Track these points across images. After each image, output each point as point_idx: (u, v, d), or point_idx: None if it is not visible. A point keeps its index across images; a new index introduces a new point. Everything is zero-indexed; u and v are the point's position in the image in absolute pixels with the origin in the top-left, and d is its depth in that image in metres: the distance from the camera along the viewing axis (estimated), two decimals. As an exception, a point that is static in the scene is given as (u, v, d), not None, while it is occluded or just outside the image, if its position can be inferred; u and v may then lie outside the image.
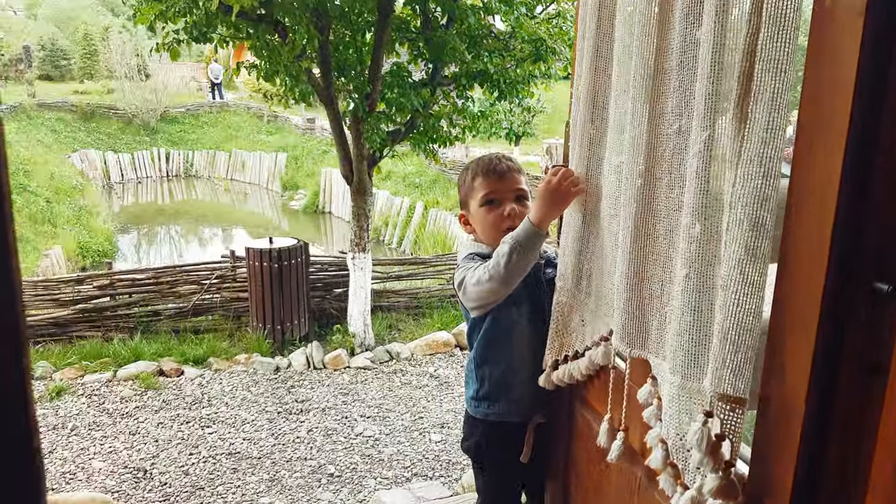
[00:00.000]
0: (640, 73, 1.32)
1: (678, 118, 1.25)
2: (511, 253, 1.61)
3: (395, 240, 15.62)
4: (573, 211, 1.68)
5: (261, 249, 5.67)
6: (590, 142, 1.61)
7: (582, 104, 1.61)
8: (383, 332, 6.26)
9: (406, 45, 5.82)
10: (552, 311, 1.75)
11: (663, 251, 1.31)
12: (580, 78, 1.63)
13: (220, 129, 24.75)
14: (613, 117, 1.50)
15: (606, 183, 1.54)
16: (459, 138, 5.95)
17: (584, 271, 1.66)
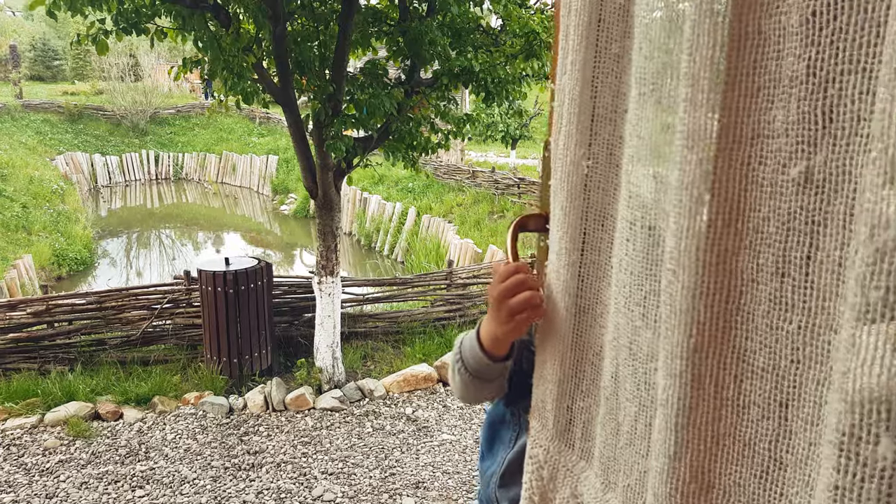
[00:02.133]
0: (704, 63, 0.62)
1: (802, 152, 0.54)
2: (454, 370, 1.03)
3: (386, 247, 14.96)
4: (555, 300, 0.97)
5: (214, 272, 4.96)
6: (583, 187, 0.90)
7: (567, 123, 0.91)
8: (357, 364, 5.55)
9: (383, 41, 5.12)
10: (524, 471, 1.04)
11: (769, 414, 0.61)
12: (566, 83, 0.92)
13: (211, 131, 24.12)
14: (634, 141, 0.80)
15: (622, 262, 0.83)
16: (442, 145, 5.24)
17: (577, 411, 0.96)
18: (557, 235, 0.94)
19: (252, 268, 5.09)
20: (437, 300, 6.29)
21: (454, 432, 4.66)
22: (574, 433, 0.96)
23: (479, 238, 12.24)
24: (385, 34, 5.00)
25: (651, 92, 0.75)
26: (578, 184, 0.90)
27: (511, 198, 12.96)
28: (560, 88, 0.93)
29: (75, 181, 19.38)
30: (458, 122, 5.10)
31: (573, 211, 0.91)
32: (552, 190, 0.96)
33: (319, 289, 4.94)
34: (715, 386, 0.66)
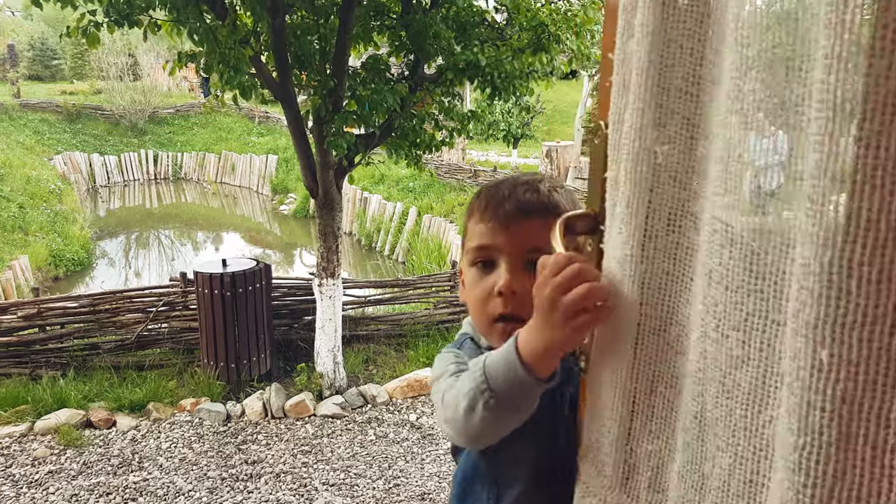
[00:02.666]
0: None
1: None
2: (475, 401, 0.80)
3: (387, 247, 14.78)
4: (615, 316, 0.79)
5: (211, 274, 4.78)
6: (655, 178, 0.73)
7: (635, 99, 0.73)
8: (358, 368, 5.37)
9: (385, 35, 4.94)
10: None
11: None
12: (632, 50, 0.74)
13: (210, 131, 23.93)
14: (733, 119, 0.62)
15: (712, 274, 0.66)
16: (447, 142, 5.06)
17: (643, 455, 0.79)
18: (620, 239, 0.76)
19: (250, 269, 4.91)
20: (441, 302, 6.11)
21: (460, 440, 4.48)
22: (639, 483, 0.79)
23: (480, 238, 12.05)
24: (387, 28, 4.83)
25: (761, 55, 0.58)
26: (649, 174, 0.72)
27: (513, 197, 12.76)
28: (624, 57, 0.75)
29: (73, 181, 19.20)
30: (462, 119, 4.92)
31: (641, 208, 0.73)
32: (611, 182, 0.78)
33: (320, 291, 4.76)
34: (872, 450, 0.49)
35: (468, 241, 0.98)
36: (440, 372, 0.94)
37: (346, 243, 14.76)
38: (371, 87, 4.46)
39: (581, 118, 13.26)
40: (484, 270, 0.94)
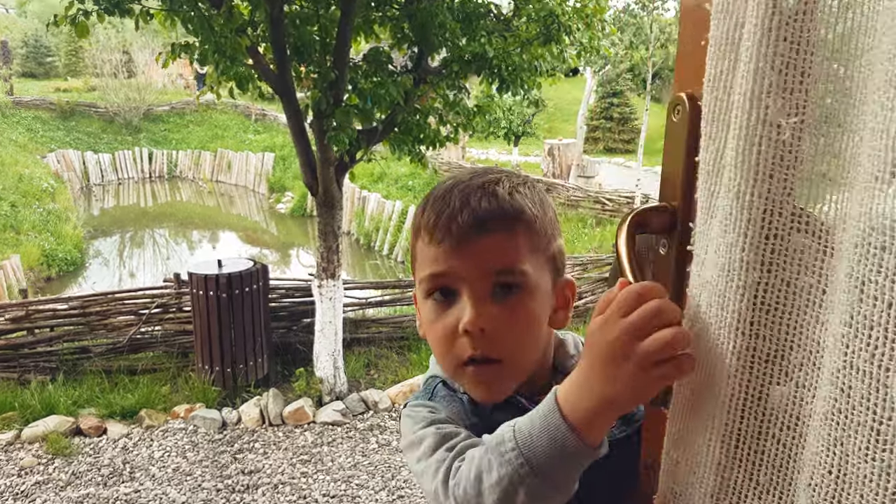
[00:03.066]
0: None
1: None
2: (512, 491, 0.62)
3: (386, 246, 14.60)
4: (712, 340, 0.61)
5: (206, 275, 4.60)
6: (778, 160, 0.55)
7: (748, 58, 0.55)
8: (359, 372, 5.19)
9: (387, 27, 4.77)
10: None
11: None
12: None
13: (206, 128, 23.74)
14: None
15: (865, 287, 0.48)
16: (451, 138, 4.89)
17: None
18: (724, 240, 0.58)
19: (247, 270, 4.73)
20: (444, 303, 5.93)
21: (465, 447, 4.31)
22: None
23: (481, 237, 11.90)
24: (389, 20, 4.65)
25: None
26: (769, 155, 0.55)
27: (514, 196, 12.60)
28: (729, 4, 0.58)
29: (67, 179, 18.97)
30: (467, 114, 4.75)
31: (758, 200, 0.56)
32: (708, 168, 0.60)
33: (320, 293, 4.58)
34: None
35: (418, 267, 0.79)
36: (416, 438, 0.75)
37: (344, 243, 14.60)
38: (373, 79, 4.30)
39: (583, 115, 13.10)
40: (443, 303, 0.76)
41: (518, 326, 0.74)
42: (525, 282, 0.74)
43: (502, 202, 0.75)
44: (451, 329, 0.74)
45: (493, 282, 0.73)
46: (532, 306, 0.74)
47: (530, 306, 0.74)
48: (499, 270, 0.73)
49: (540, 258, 0.76)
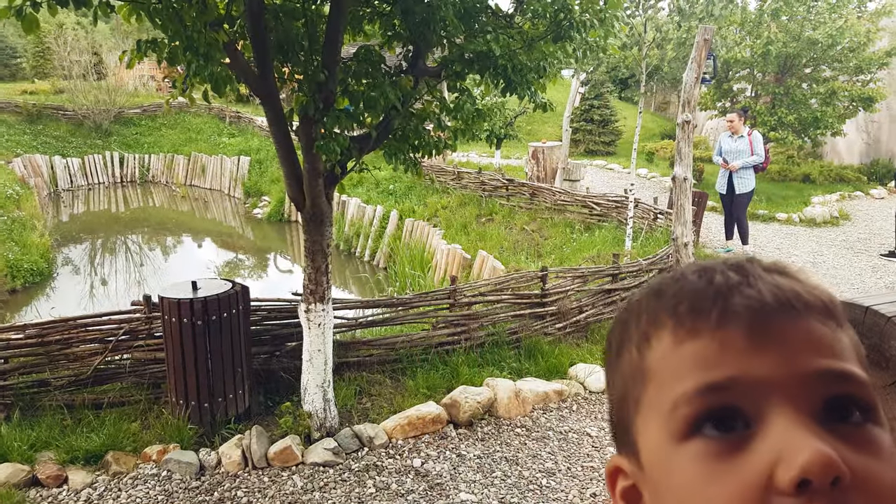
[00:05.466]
0: None
1: None
2: None
3: (367, 252, 14.14)
4: None
5: (179, 300, 4.11)
6: None
7: None
8: (350, 401, 4.73)
9: (377, 24, 4.32)
10: None
11: None
12: None
13: (179, 132, 23.05)
14: None
15: None
16: (450, 145, 4.46)
17: None
18: None
19: (224, 293, 4.25)
20: (440, 321, 5.50)
21: (474, 490, 3.88)
22: None
23: (466, 243, 11.50)
24: (380, 15, 4.21)
25: None
26: None
27: (499, 200, 12.24)
28: None
29: (33, 185, 18.19)
30: (468, 119, 4.32)
31: None
32: None
33: (307, 318, 4.12)
34: None
35: (652, 390, 0.45)
36: None
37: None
38: (365, 81, 3.85)
39: (568, 117, 12.73)
40: (726, 443, 0.40)
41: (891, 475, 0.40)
42: (872, 399, 0.42)
43: (806, 281, 0.46)
44: (753, 488, 0.38)
45: (822, 395, 0.41)
46: (891, 443, 0.41)
47: (890, 442, 0.41)
48: (831, 374, 0.41)
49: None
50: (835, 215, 11.37)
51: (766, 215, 11.30)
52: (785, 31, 11.82)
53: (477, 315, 5.64)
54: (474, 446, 4.34)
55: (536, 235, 11.35)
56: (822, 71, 12.44)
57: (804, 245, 9.92)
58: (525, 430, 4.56)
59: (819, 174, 14.07)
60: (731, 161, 8.85)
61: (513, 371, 5.22)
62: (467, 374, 5.01)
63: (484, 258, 10.43)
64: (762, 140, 9.11)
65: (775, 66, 12.10)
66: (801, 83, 12.41)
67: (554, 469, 4.12)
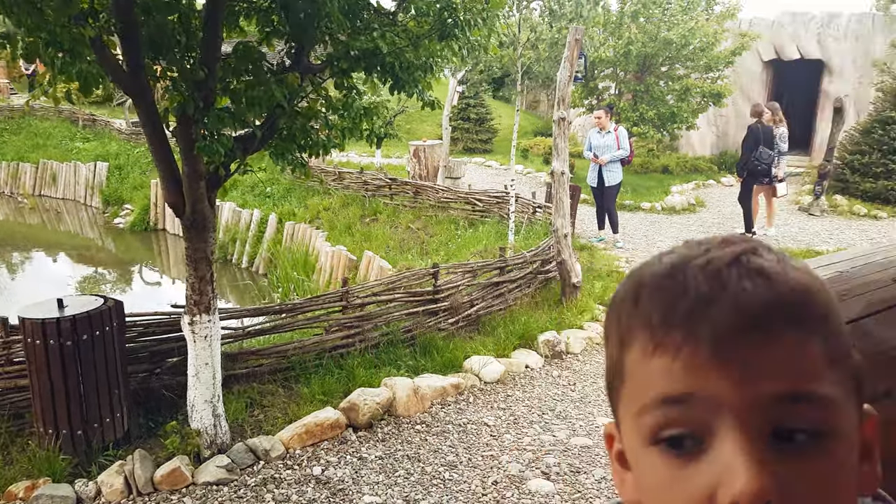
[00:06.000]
0: None
1: None
2: None
3: (245, 259, 13.58)
4: None
5: (43, 320, 3.73)
6: None
7: None
8: (241, 415, 4.51)
9: (254, 20, 4.14)
10: None
11: None
12: None
13: (24, 137, 21.05)
14: None
15: None
16: (338, 144, 4.36)
17: None
18: None
19: (96, 310, 3.91)
20: (333, 325, 5.38)
21: (378, 491, 3.82)
22: None
23: (351, 244, 11.36)
24: (258, 10, 4.03)
25: None
26: None
27: (383, 199, 12.20)
28: None
29: None
30: (355, 117, 4.24)
31: None
32: None
33: (192, 330, 3.87)
34: None
35: (633, 391, 0.49)
36: None
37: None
38: (246, 79, 3.67)
39: (447, 116, 12.90)
40: (681, 456, 0.46)
41: (827, 498, 0.44)
42: (830, 419, 0.44)
43: (781, 284, 0.46)
44: (701, 501, 0.44)
45: (775, 419, 0.44)
46: (843, 460, 0.45)
47: (841, 460, 0.45)
48: (785, 397, 0.44)
49: (843, 375, 0.46)
50: (692, 203, 12.28)
51: (632, 205, 12.01)
52: (643, 32, 12.64)
53: (370, 316, 5.57)
54: (375, 448, 4.28)
55: (422, 233, 11.41)
56: (677, 69, 13.44)
57: (667, 231, 10.64)
58: (425, 427, 4.56)
59: (676, 165, 15.17)
60: (601, 155, 9.33)
61: (409, 369, 5.19)
62: (364, 376, 4.93)
63: (370, 258, 10.34)
64: (627, 135, 9.67)
65: (635, 65, 12.91)
66: (658, 81, 13.32)
67: (455, 462, 4.15)
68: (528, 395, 5.08)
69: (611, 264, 8.22)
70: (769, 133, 9.47)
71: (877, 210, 11.88)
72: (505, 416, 4.74)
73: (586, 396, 5.05)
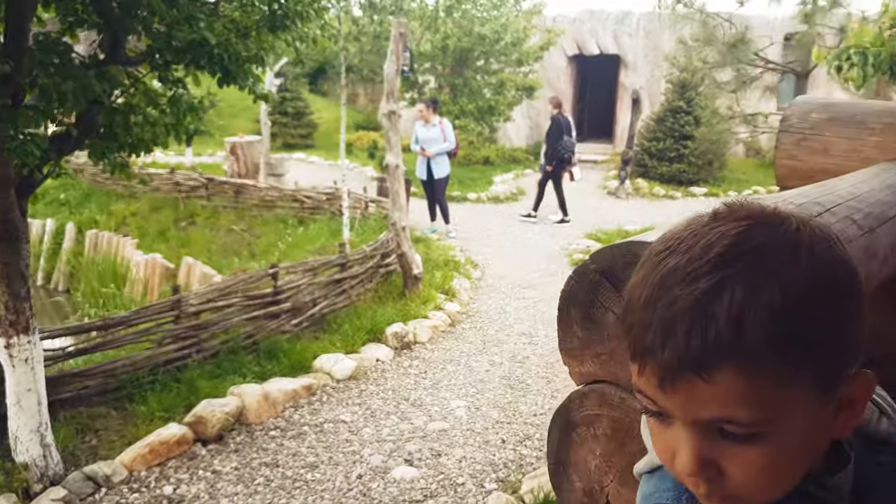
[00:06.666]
0: None
1: None
2: None
3: (40, 275, 12.13)
4: None
5: None
6: None
7: None
8: (72, 443, 4.09)
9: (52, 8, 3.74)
10: None
11: None
12: None
13: None
14: None
15: None
16: (160, 141, 4.09)
17: None
18: None
19: None
20: (165, 337, 5.03)
21: (237, 502, 3.68)
22: None
23: (167, 251, 10.67)
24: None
25: None
26: None
27: (200, 201, 11.56)
28: None
29: None
30: (178, 113, 4.00)
31: None
32: None
33: (9, 354, 3.45)
34: None
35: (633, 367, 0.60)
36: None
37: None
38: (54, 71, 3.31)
39: (266, 110, 12.47)
40: (659, 421, 0.59)
41: (755, 475, 0.56)
42: (763, 428, 0.54)
43: (726, 332, 0.52)
44: (671, 450, 0.59)
45: (715, 426, 0.55)
46: (783, 446, 0.55)
47: (780, 446, 0.55)
48: (719, 420, 0.54)
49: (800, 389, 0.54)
50: (514, 192, 13.02)
51: (459, 196, 12.46)
52: (459, 27, 13.12)
53: (207, 324, 5.29)
54: (229, 459, 4.10)
55: (247, 235, 10.96)
56: (492, 63, 14.11)
57: (493, 219, 11.19)
58: (280, 431, 4.44)
59: (496, 156, 15.95)
60: (428, 148, 9.57)
61: (256, 375, 5.01)
62: (208, 388, 4.68)
63: (191, 265, 9.77)
64: (452, 128, 10.01)
65: (453, 59, 13.37)
66: (476, 75, 13.91)
67: (316, 462, 4.10)
68: (382, 387, 5.13)
69: (446, 254, 8.48)
70: (569, 123, 10.35)
71: (673, 191, 13.42)
72: (361, 410, 4.75)
73: (438, 382, 5.21)
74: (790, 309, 0.52)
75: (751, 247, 0.54)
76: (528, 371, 5.44)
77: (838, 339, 0.55)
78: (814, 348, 0.53)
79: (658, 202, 12.83)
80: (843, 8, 8.73)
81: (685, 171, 13.77)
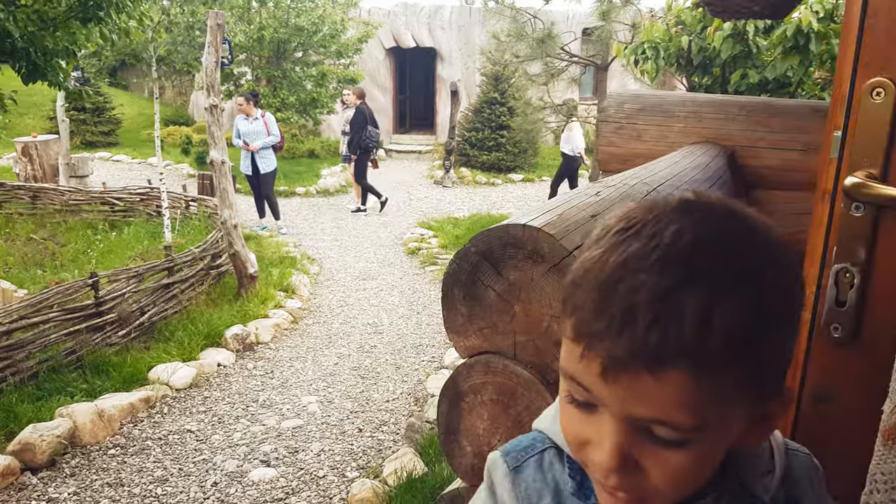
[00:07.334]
0: None
1: None
2: None
3: None
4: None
5: None
6: None
7: None
8: None
9: None
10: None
11: None
12: None
13: None
14: None
15: None
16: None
17: None
18: None
19: None
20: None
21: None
22: None
23: (-48, 267, 9.36)
24: None
25: None
26: None
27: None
28: None
29: None
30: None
31: None
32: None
33: None
34: None
35: (563, 342, 0.58)
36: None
37: None
38: None
39: (63, 107, 11.30)
40: (581, 410, 0.57)
41: (672, 477, 0.55)
42: (690, 433, 0.53)
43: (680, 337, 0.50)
44: (585, 441, 0.57)
45: (644, 426, 0.53)
46: (704, 452, 0.55)
47: (701, 452, 0.55)
48: (651, 420, 0.53)
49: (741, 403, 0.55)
50: (343, 184, 12.99)
51: (287, 191, 12.20)
52: (274, 18, 12.76)
53: (21, 343, 4.79)
54: (65, 484, 3.79)
55: (50, 243, 9.93)
56: (311, 55, 13.91)
57: (325, 213, 11.12)
58: (120, 449, 4.18)
59: (322, 149, 15.79)
60: (251, 142, 9.29)
61: (85, 393, 4.64)
62: (30, 411, 4.27)
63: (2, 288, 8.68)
64: (275, 121, 9.78)
65: (269, 50, 13.00)
66: (295, 66, 13.63)
67: (165, 475, 3.92)
68: (227, 392, 4.98)
69: (280, 251, 8.33)
70: (372, 113, 10.63)
71: (493, 178, 14.17)
72: (208, 418, 4.59)
73: (287, 381, 5.16)
74: (756, 324, 0.51)
75: (724, 249, 0.52)
76: (376, 360, 5.56)
77: (786, 358, 0.56)
78: (766, 365, 0.53)
79: (481, 189, 13.50)
80: (635, 6, 9.74)
81: (503, 160, 14.62)
